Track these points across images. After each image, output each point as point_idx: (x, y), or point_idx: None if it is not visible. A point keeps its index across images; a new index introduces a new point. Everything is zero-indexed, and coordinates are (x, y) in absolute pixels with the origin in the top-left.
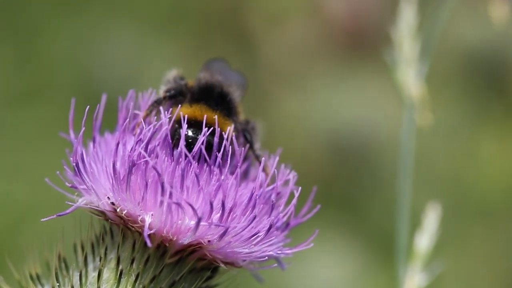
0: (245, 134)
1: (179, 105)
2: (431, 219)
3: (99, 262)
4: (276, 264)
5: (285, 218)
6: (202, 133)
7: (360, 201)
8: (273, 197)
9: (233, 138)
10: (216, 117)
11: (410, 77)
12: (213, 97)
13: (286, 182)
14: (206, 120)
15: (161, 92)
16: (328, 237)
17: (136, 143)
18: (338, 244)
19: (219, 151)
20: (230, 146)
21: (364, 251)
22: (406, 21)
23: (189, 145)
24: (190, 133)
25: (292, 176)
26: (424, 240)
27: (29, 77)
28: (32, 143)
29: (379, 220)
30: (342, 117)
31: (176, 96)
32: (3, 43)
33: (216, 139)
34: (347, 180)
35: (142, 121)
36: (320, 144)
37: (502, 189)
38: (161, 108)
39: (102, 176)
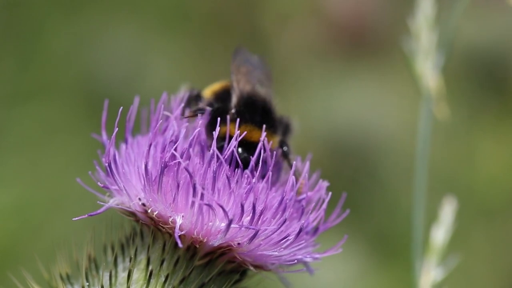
0: (283, 146)
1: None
2: (447, 213)
3: (129, 263)
4: (304, 269)
5: (314, 223)
6: (234, 136)
7: (361, 200)
8: (303, 201)
9: (266, 147)
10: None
11: (428, 68)
12: (258, 112)
13: (314, 187)
14: (256, 140)
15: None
16: (330, 237)
17: (169, 144)
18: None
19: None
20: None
21: (365, 251)
22: (424, 12)
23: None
24: (240, 151)
25: (322, 181)
26: (440, 233)
27: (31, 77)
28: (35, 143)
29: (380, 220)
30: (342, 117)
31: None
32: (5, 42)
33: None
34: (349, 179)
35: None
36: (321, 143)
37: (501, 188)
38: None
39: (134, 177)
